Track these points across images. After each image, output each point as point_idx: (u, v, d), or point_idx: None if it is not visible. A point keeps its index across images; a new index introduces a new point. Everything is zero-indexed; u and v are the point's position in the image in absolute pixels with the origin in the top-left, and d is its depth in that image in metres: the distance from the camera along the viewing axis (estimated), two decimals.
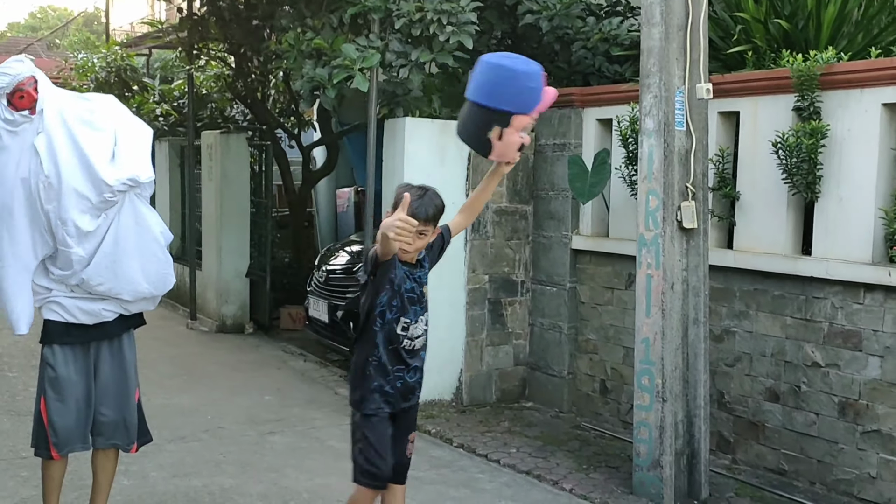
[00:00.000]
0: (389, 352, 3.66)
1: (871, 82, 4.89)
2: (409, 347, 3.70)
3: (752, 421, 5.51)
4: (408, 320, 3.68)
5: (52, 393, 3.91)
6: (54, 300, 3.88)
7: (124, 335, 4.07)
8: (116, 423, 4.06)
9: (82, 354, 3.96)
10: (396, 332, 3.65)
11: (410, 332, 3.68)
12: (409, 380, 3.73)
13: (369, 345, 3.66)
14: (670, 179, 4.97)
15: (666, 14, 4.93)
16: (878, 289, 4.84)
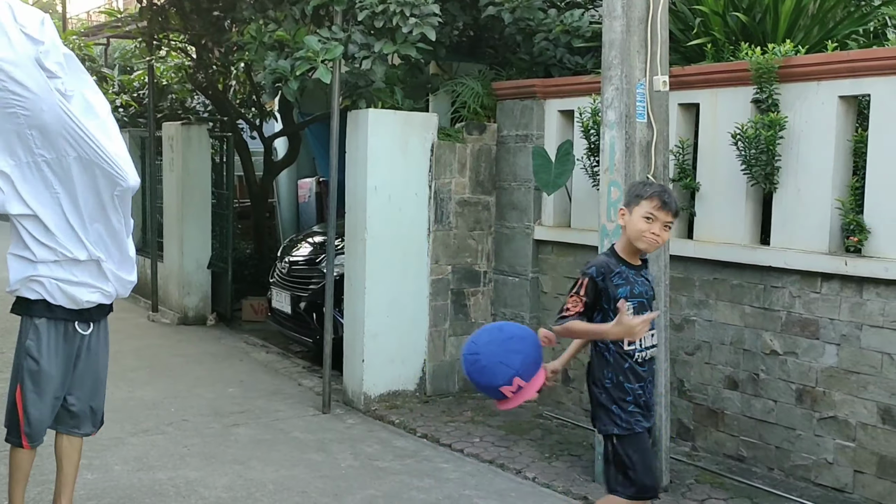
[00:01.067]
0: (625, 371, 3.67)
1: (827, 75, 4.98)
2: (643, 359, 3.70)
3: (711, 408, 5.60)
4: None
5: (30, 385, 3.86)
6: (37, 279, 3.82)
7: (103, 326, 4.05)
8: (84, 412, 4.04)
9: (65, 347, 3.91)
10: (624, 349, 3.67)
11: (642, 342, 3.68)
12: (648, 395, 3.75)
13: (604, 366, 3.69)
14: (631, 171, 5.02)
15: (627, 7, 4.97)
16: (834, 278, 4.94)
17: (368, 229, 6.51)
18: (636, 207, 3.65)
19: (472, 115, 6.97)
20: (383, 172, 6.54)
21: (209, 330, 9.62)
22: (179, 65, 11.36)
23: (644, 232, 3.62)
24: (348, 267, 6.78)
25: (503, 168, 6.95)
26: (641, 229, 3.63)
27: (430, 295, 6.82)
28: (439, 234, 6.82)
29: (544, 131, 6.67)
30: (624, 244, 3.74)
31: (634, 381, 3.67)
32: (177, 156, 9.90)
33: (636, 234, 3.65)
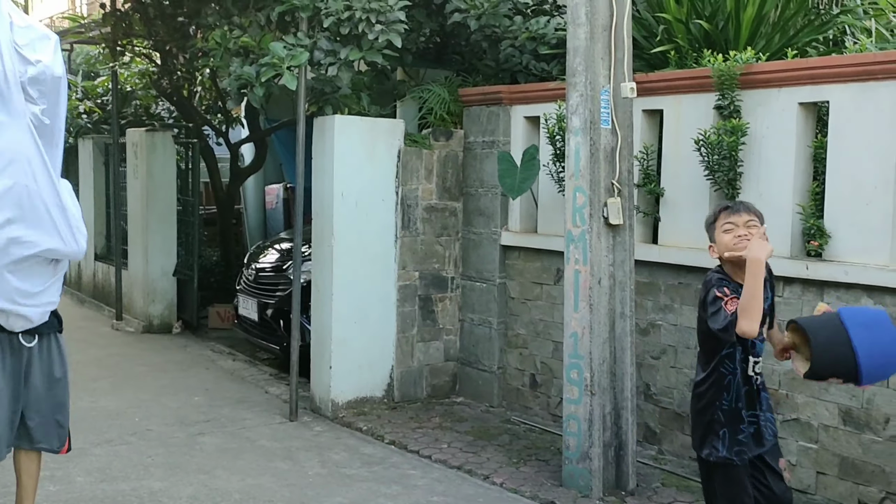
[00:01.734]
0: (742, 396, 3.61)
1: (788, 82, 5.05)
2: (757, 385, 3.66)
3: (677, 412, 5.65)
4: (756, 358, 3.66)
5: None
6: None
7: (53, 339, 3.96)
8: (47, 426, 3.96)
9: (12, 360, 3.82)
10: (747, 374, 3.64)
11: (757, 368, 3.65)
12: (761, 423, 3.66)
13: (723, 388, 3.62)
14: (596, 177, 5.06)
15: (591, 14, 5.02)
16: (796, 282, 5.00)
17: (335, 235, 6.49)
18: (715, 233, 3.70)
19: (438, 121, 6.99)
20: (350, 179, 6.53)
21: (174, 338, 9.54)
22: (144, 71, 11.27)
23: (730, 241, 3.60)
24: (315, 273, 6.75)
25: (470, 174, 6.97)
26: (727, 241, 3.62)
27: (398, 301, 6.82)
28: (406, 240, 6.82)
29: (510, 137, 6.70)
30: (727, 268, 3.67)
31: (748, 408, 3.62)
32: (141, 163, 9.82)
33: (727, 248, 3.62)
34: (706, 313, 3.57)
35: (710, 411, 3.65)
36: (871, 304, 4.66)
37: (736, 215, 3.63)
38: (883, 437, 4.64)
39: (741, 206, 3.68)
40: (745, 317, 3.40)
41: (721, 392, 3.61)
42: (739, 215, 3.62)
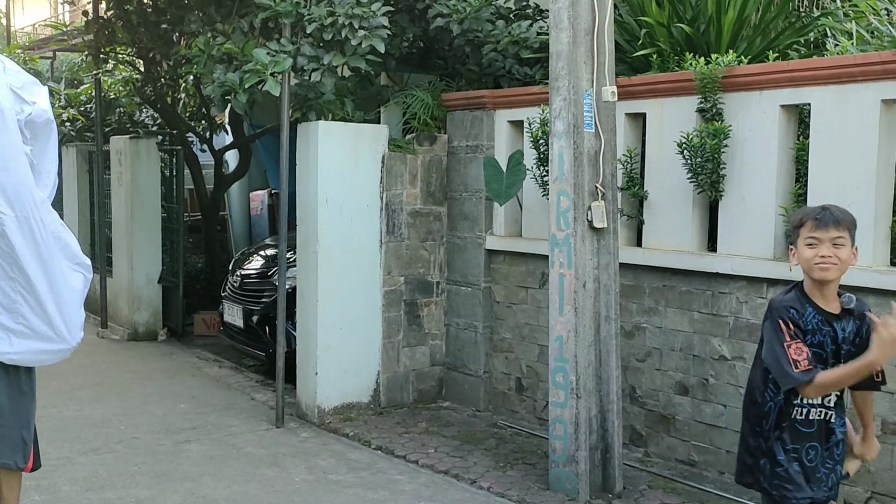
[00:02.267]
0: (784, 426, 3.30)
1: (769, 84, 5.08)
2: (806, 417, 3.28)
3: (662, 414, 5.67)
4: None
5: None
6: None
7: None
8: (11, 443, 3.84)
9: None
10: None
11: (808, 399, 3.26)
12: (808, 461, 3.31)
13: (762, 415, 3.34)
14: (580, 180, 5.07)
15: (573, 19, 5.03)
16: (780, 283, 5.01)
17: (320, 241, 6.48)
18: (798, 240, 3.27)
19: (422, 126, 6.99)
20: (334, 184, 6.52)
21: (160, 345, 9.50)
22: (127, 78, 11.24)
23: (811, 259, 3.20)
24: (300, 279, 6.75)
25: (454, 178, 6.98)
26: (808, 257, 3.21)
27: (384, 306, 6.82)
28: (391, 246, 6.82)
29: (494, 142, 6.71)
30: (808, 285, 3.29)
31: (791, 441, 3.27)
32: (125, 170, 9.78)
33: (806, 265, 3.23)
34: (764, 339, 3.28)
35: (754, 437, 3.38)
36: None
37: (822, 230, 3.18)
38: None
39: (830, 219, 3.19)
40: (817, 389, 3.14)
41: (762, 418, 3.34)
42: (827, 230, 3.18)
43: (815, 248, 3.19)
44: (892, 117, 4.65)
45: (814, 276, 3.22)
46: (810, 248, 3.21)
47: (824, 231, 3.18)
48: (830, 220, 3.19)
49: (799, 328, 3.20)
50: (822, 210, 3.24)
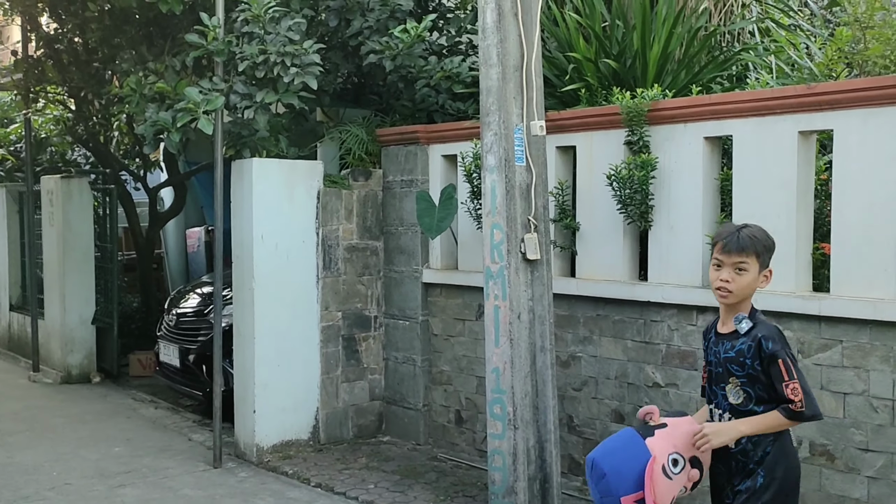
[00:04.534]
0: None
1: (693, 117, 5.23)
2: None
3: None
4: (712, 406, 3.38)
5: None
6: None
7: None
8: None
9: None
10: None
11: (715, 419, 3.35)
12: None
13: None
14: (513, 213, 5.14)
15: (502, 55, 5.12)
16: (709, 310, 5.13)
17: (256, 278, 6.46)
18: (712, 256, 3.34)
19: (357, 161, 7.03)
20: (270, 221, 6.51)
21: (94, 388, 9.31)
22: (58, 117, 11.09)
23: (713, 282, 3.27)
24: (237, 316, 6.70)
25: (390, 213, 7.02)
26: (712, 279, 3.29)
27: (321, 342, 6.79)
28: (328, 281, 6.82)
29: (429, 176, 6.77)
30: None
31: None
32: (57, 210, 9.63)
33: (711, 285, 3.31)
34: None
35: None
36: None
37: (726, 254, 3.23)
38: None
39: (734, 245, 3.22)
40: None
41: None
42: (730, 255, 3.22)
43: (719, 270, 3.25)
44: (809, 147, 4.82)
45: (716, 298, 3.31)
46: (715, 269, 3.27)
47: (727, 255, 3.23)
48: (735, 246, 3.21)
49: (705, 350, 3.41)
50: (733, 232, 3.26)
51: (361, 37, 7.00)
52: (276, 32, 6.33)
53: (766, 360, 3.16)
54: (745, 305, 3.28)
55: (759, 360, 3.18)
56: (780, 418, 3.15)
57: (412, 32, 6.64)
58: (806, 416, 3.15)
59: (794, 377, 3.13)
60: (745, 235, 3.24)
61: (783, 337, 3.23)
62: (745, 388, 3.23)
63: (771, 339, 3.16)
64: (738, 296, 3.24)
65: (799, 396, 3.11)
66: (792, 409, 3.13)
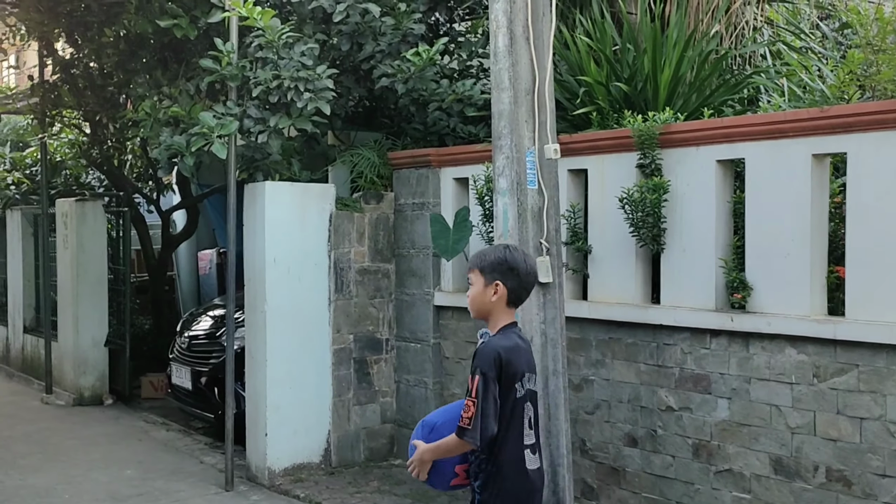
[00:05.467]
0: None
1: (705, 140, 5.23)
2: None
3: (613, 466, 5.69)
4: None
5: None
6: None
7: None
8: None
9: None
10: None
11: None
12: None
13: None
14: (525, 236, 5.13)
15: (514, 79, 5.14)
16: (722, 334, 5.12)
17: (268, 301, 6.46)
18: None
19: (369, 184, 7.05)
20: (282, 244, 6.53)
21: (106, 410, 9.32)
22: (73, 141, 11.18)
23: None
24: (249, 339, 6.70)
25: (401, 236, 7.03)
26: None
27: (333, 364, 6.79)
28: (340, 304, 6.82)
29: (440, 199, 6.78)
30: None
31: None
32: (71, 232, 9.68)
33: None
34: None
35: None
36: (794, 353, 4.79)
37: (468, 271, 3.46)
38: (813, 484, 4.73)
39: (469, 262, 3.47)
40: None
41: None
42: (468, 271, 3.47)
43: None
44: (823, 171, 4.81)
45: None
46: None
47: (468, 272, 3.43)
48: (470, 263, 3.42)
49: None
50: (478, 253, 3.46)
51: (373, 60, 7.04)
52: (290, 58, 6.37)
53: (471, 373, 3.26)
54: (494, 323, 3.39)
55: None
56: (452, 439, 3.24)
57: (424, 56, 6.68)
58: (468, 435, 3.17)
59: (473, 395, 3.17)
60: (479, 252, 3.46)
61: (495, 361, 3.21)
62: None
63: (479, 356, 3.26)
64: (473, 308, 3.42)
65: (468, 413, 3.16)
66: (459, 423, 3.19)
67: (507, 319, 3.36)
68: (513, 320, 3.39)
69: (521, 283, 3.36)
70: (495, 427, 3.19)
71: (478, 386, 3.16)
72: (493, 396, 3.18)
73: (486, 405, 3.16)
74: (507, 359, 3.23)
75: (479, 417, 3.15)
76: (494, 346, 3.26)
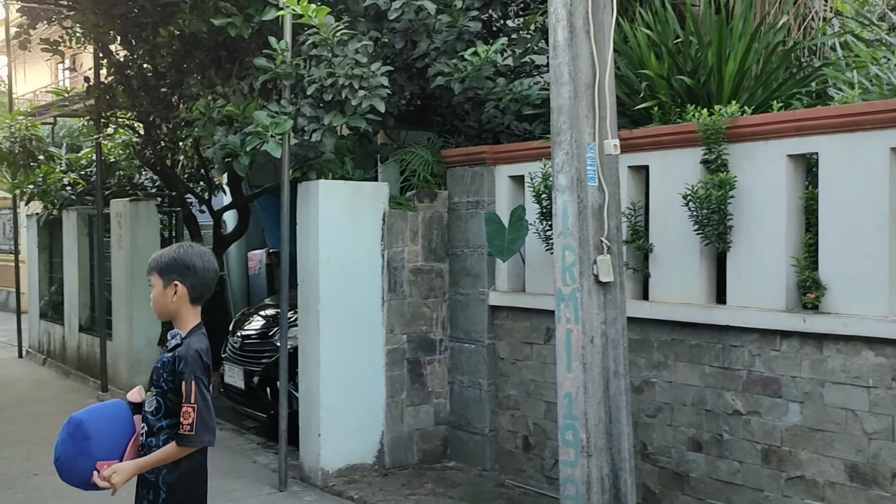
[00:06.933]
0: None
1: (775, 134, 5.04)
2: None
3: (676, 471, 5.52)
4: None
5: None
6: None
7: None
8: None
9: None
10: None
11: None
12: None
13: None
14: (585, 234, 4.99)
15: (574, 73, 4.99)
16: (793, 335, 4.92)
17: (321, 301, 6.39)
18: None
19: (422, 182, 6.95)
20: (335, 243, 6.46)
21: None
22: (127, 141, 11.26)
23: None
24: (302, 339, 6.64)
25: (455, 235, 6.91)
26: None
27: (386, 365, 6.70)
28: (393, 304, 6.73)
29: (495, 197, 6.66)
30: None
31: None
32: (125, 232, 9.75)
33: None
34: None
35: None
36: (871, 356, 4.58)
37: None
38: (891, 492, 4.52)
39: (150, 262, 3.44)
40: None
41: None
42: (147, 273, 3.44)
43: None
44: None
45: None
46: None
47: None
48: (147, 266, 3.43)
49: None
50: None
51: (428, 59, 6.94)
52: (344, 55, 6.30)
53: (177, 377, 3.26)
54: (182, 323, 3.39)
55: (172, 375, 3.28)
56: (173, 448, 3.25)
57: (483, 55, 6.56)
58: (194, 440, 3.22)
59: (192, 401, 3.21)
60: (156, 254, 3.46)
61: (200, 361, 3.27)
62: (158, 397, 3.33)
63: (183, 360, 3.26)
64: (158, 310, 3.43)
65: (189, 420, 3.21)
66: (180, 431, 3.22)
67: (195, 319, 3.41)
68: (199, 320, 3.43)
69: (201, 280, 3.40)
70: (215, 423, 3.34)
71: (195, 391, 3.22)
72: (207, 396, 3.29)
73: (207, 405, 3.26)
74: (206, 361, 3.32)
75: (204, 419, 3.23)
76: (197, 349, 3.31)
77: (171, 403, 3.27)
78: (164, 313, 3.42)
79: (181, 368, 3.24)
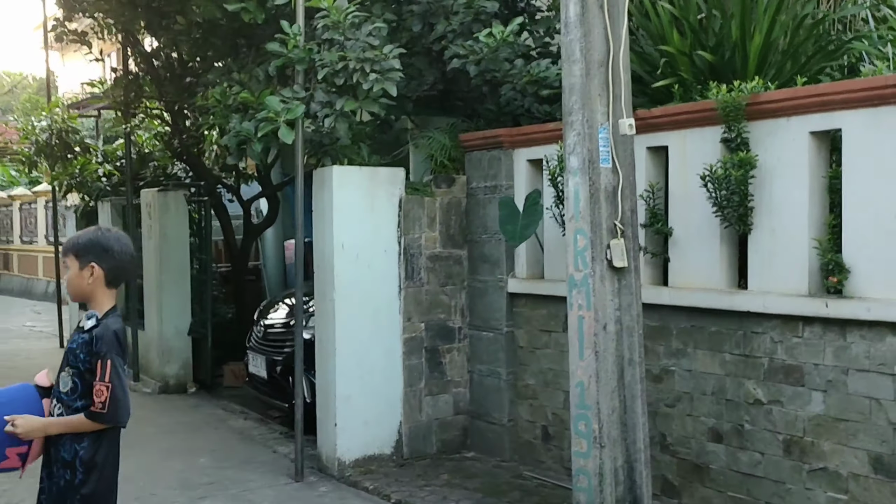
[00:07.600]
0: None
1: (797, 110, 4.80)
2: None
3: (696, 463, 5.32)
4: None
5: None
6: None
7: None
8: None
9: None
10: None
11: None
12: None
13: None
14: (597, 218, 4.80)
15: (586, 50, 4.80)
16: (816, 321, 4.70)
17: (337, 289, 6.29)
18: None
19: (440, 168, 6.81)
20: (350, 230, 6.35)
21: (188, 398, 9.36)
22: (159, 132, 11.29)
23: None
24: (318, 328, 6.55)
25: (473, 220, 6.76)
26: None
27: (404, 354, 6.58)
28: (411, 291, 6.60)
29: (514, 181, 6.49)
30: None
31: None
32: (154, 222, 9.76)
33: None
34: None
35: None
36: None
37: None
38: None
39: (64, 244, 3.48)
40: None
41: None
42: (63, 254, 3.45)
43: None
44: None
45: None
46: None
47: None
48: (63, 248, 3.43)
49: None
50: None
51: (445, 41, 6.78)
52: (356, 38, 6.17)
53: (94, 357, 3.27)
54: (98, 304, 3.38)
55: (89, 355, 3.28)
56: (84, 420, 3.27)
57: (498, 36, 6.38)
58: (106, 418, 3.26)
59: (106, 379, 3.23)
60: (69, 238, 3.47)
61: (117, 342, 3.30)
62: (74, 378, 3.31)
63: (101, 339, 3.27)
64: (72, 292, 3.42)
65: (102, 398, 3.23)
66: (92, 409, 3.24)
67: (111, 302, 3.41)
68: (115, 303, 3.43)
69: (118, 263, 3.40)
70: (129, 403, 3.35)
71: (110, 370, 3.24)
72: (123, 376, 3.30)
73: (123, 386, 3.28)
74: (122, 340, 3.35)
75: (119, 398, 3.25)
76: (115, 330, 3.33)
77: (88, 383, 3.28)
78: (78, 295, 3.43)
79: (98, 348, 3.26)
